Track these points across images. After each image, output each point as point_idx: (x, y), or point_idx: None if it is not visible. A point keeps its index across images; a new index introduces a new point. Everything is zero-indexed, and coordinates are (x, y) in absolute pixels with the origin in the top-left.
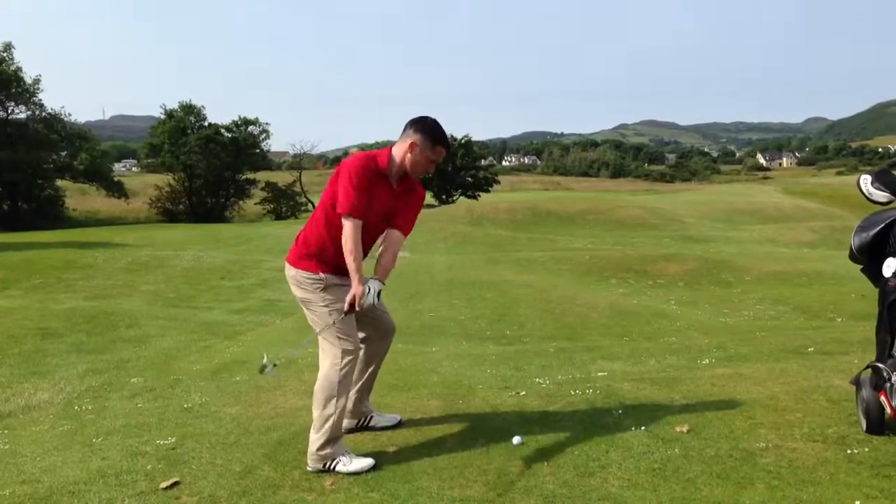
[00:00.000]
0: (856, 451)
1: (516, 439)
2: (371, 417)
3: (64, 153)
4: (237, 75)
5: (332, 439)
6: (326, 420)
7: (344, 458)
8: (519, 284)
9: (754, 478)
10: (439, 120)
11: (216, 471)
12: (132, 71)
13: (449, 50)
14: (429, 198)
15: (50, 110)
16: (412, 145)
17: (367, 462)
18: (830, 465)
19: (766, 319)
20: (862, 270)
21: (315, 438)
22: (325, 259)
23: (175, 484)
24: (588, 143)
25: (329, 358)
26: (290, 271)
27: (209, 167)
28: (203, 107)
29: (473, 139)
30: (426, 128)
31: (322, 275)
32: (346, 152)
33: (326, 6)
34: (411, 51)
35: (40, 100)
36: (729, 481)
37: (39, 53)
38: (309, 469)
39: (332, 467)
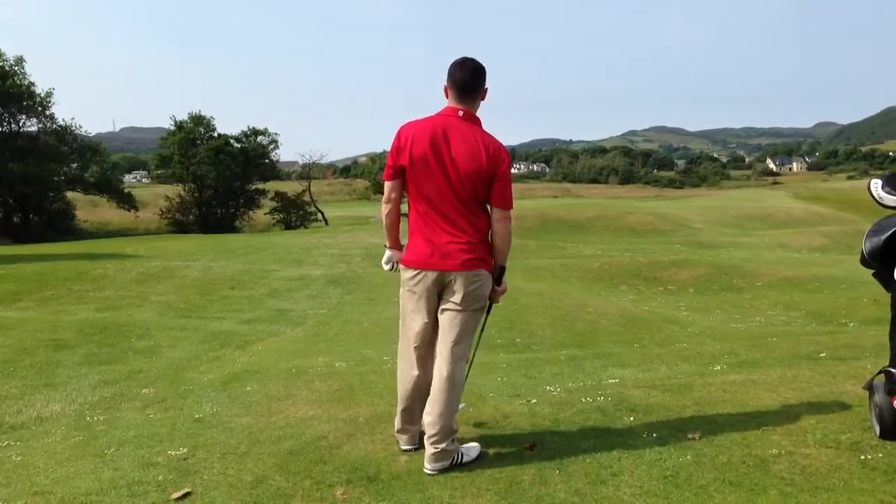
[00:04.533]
0: (869, 456)
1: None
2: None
3: (75, 165)
4: (246, 86)
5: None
6: (454, 418)
7: (462, 449)
8: (529, 292)
9: (767, 485)
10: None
11: (227, 481)
12: (142, 83)
13: (456, 57)
14: None
15: (61, 122)
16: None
17: (476, 445)
18: (844, 471)
19: (778, 325)
20: (874, 275)
21: (447, 437)
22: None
23: (186, 494)
24: (597, 149)
25: (461, 361)
26: (482, 276)
27: (219, 178)
28: (212, 117)
29: None
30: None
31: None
32: (355, 161)
33: (335, 15)
34: (418, 58)
35: (52, 112)
36: (742, 488)
37: (51, 66)
38: (436, 469)
39: (460, 461)
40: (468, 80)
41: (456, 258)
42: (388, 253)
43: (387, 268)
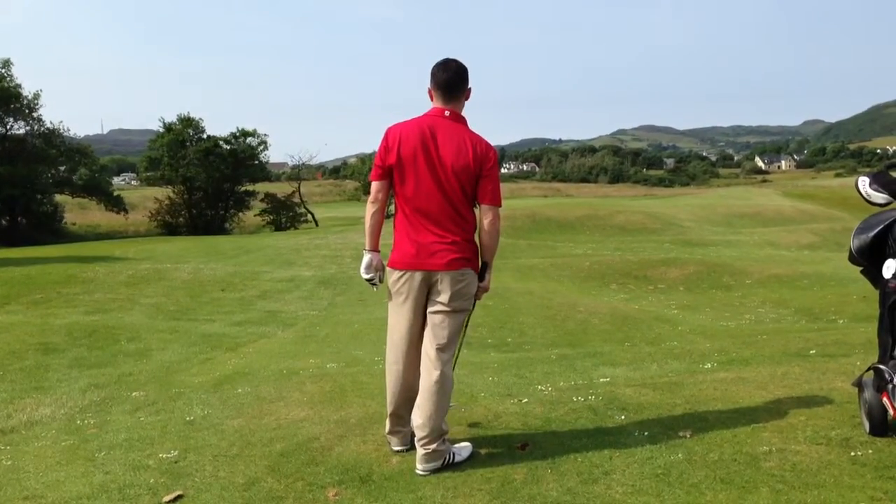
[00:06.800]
0: (859, 453)
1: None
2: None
3: (63, 168)
4: (235, 87)
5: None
6: (443, 419)
7: (453, 449)
8: (520, 292)
9: (758, 482)
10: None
11: (219, 483)
12: (130, 85)
13: (446, 57)
14: None
15: (49, 125)
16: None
17: (468, 445)
18: (834, 467)
19: (768, 322)
20: (862, 272)
21: (437, 438)
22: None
23: (178, 497)
24: (586, 148)
25: (450, 363)
26: (468, 276)
27: (208, 179)
28: (201, 119)
29: None
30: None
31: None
32: (344, 162)
33: (322, 15)
34: (409, 58)
35: (39, 115)
36: (733, 486)
37: (38, 68)
38: (427, 470)
39: (451, 461)
40: (452, 80)
41: (441, 257)
42: (367, 256)
43: (366, 276)
